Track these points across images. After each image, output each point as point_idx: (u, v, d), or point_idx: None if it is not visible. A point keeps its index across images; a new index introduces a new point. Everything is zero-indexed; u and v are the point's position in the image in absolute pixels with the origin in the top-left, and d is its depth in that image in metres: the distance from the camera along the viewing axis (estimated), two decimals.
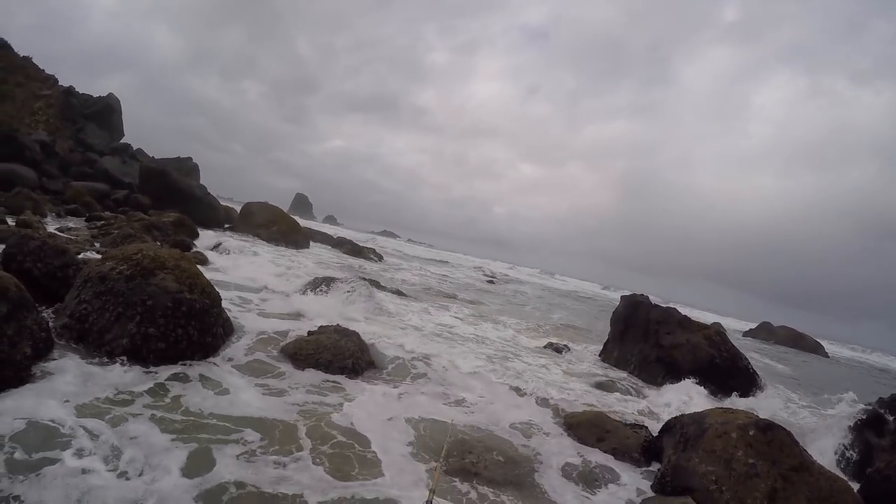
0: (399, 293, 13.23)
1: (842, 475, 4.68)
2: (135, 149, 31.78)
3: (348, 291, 9.33)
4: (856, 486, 4.58)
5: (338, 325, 6.48)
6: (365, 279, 10.51)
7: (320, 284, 9.52)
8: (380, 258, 26.47)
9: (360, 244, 28.24)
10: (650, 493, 4.18)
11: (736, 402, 7.42)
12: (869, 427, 5.91)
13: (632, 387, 7.82)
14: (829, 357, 29.21)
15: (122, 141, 32.14)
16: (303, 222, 27.89)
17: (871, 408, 6.31)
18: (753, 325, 32.86)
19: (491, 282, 29.63)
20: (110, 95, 33.68)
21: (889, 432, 5.58)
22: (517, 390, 6.16)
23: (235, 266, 10.95)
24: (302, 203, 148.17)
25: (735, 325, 34.37)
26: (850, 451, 5.86)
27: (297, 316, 7.42)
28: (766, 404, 7.73)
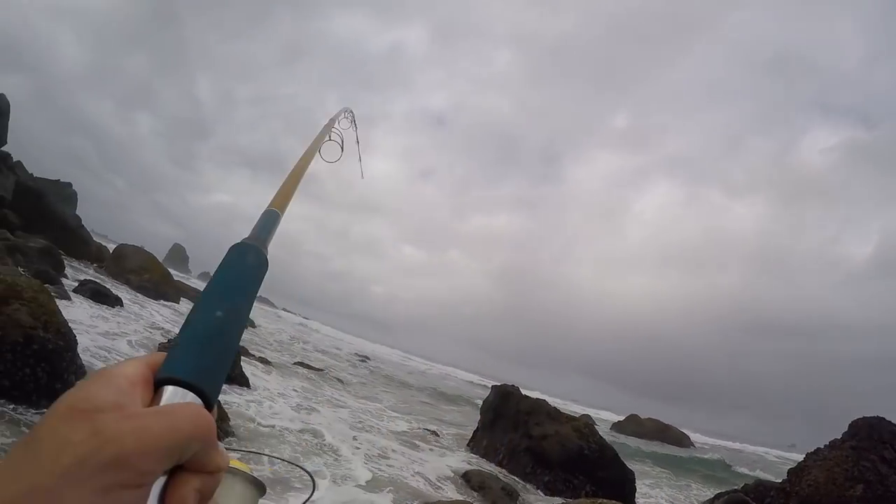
0: (265, 362, 13.15)
1: None
2: (14, 160, 27.85)
3: None
4: None
5: None
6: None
7: None
8: (252, 324, 25.81)
9: None
10: None
11: None
12: None
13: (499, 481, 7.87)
14: (694, 446, 29.44)
15: (2, 148, 28.02)
16: (177, 275, 27.19)
17: (737, 494, 7.22)
18: (622, 418, 32.13)
19: (364, 360, 29.86)
20: (1, 96, 29.77)
21: None
22: (379, 478, 6.24)
23: (98, 310, 10.48)
24: (178, 255, 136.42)
25: (606, 417, 34.93)
26: None
27: None
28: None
